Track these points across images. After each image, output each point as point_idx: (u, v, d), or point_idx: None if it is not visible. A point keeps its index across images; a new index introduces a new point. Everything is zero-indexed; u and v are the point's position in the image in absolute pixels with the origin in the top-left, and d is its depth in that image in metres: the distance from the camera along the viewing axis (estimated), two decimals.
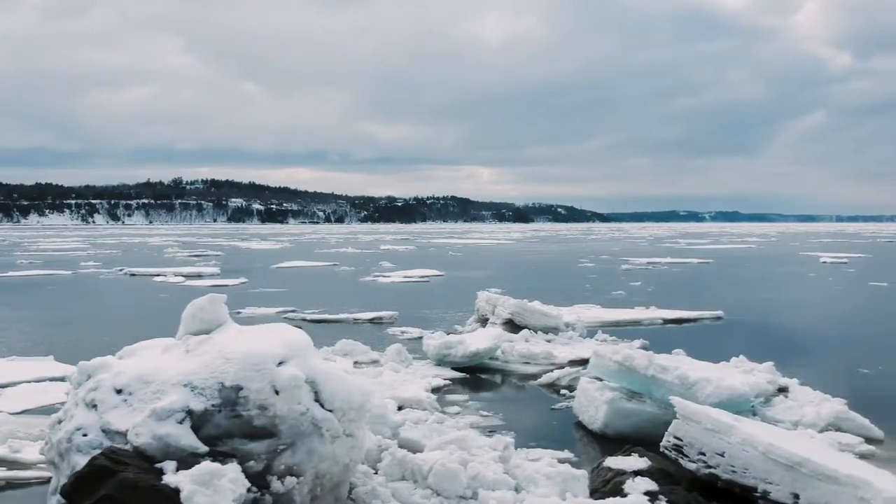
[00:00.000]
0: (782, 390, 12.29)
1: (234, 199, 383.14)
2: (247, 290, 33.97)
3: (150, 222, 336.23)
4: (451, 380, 14.77)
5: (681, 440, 8.91)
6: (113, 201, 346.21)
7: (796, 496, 7.88)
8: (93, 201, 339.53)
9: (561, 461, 9.85)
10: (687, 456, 8.81)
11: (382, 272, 44.32)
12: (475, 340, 16.00)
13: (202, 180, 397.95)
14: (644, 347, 18.26)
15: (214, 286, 36.46)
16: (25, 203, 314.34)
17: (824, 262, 55.20)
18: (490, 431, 11.30)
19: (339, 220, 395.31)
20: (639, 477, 8.42)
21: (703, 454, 8.68)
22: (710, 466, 8.61)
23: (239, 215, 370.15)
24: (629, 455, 9.37)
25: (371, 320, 23.29)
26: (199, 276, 42.49)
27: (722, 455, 8.52)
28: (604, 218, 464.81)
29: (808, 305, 27.80)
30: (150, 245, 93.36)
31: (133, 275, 43.81)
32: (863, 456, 10.07)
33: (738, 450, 8.36)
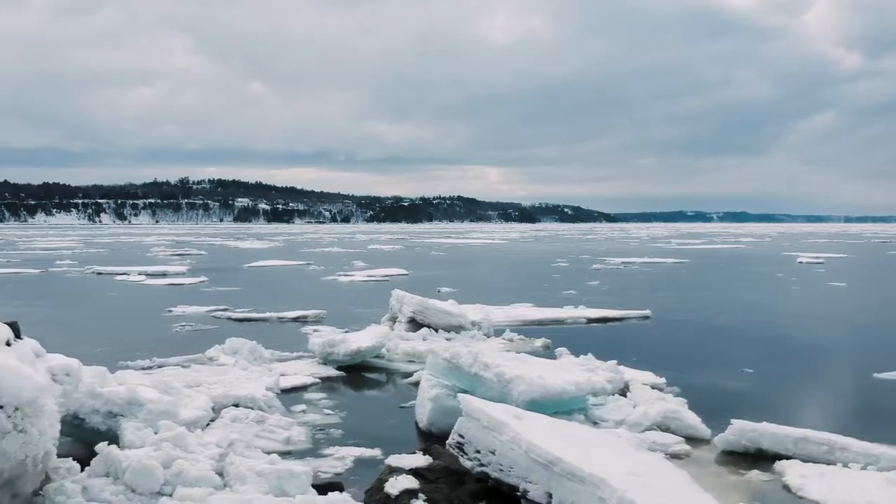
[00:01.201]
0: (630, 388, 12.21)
1: (240, 199, 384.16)
2: (198, 289, 34.08)
3: (157, 222, 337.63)
4: (323, 378, 14.77)
5: (463, 438, 8.86)
6: (119, 201, 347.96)
7: (550, 495, 7.82)
8: (99, 201, 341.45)
9: (364, 460, 9.87)
10: (466, 454, 8.76)
11: (347, 272, 44.34)
12: (359, 339, 15.98)
13: (209, 180, 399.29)
14: (546, 346, 18.31)
15: (171, 285, 36.68)
16: (33, 202, 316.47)
17: (801, 263, 54.83)
18: (320, 430, 11.32)
19: (346, 220, 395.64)
20: (402, 475, 8.38)
21: (479, 452, 8.63)
22: (482, 464, 8.56)
23: (245, 215, 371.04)
24: (415, 453, 9.34)
25: (296, 319, 23.28)
26: (163, 274, 42.62)
27: (493, 453, 8.47)
28: (610, 218, 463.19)
29: (743, 306, 27.60)
30: (143, 244, 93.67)
31: (100, 273, 43.99)
32: (675, 455, 10.01)
33: (507, 448, 8.30)
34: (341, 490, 8.73)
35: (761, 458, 9.88)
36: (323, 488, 8.65)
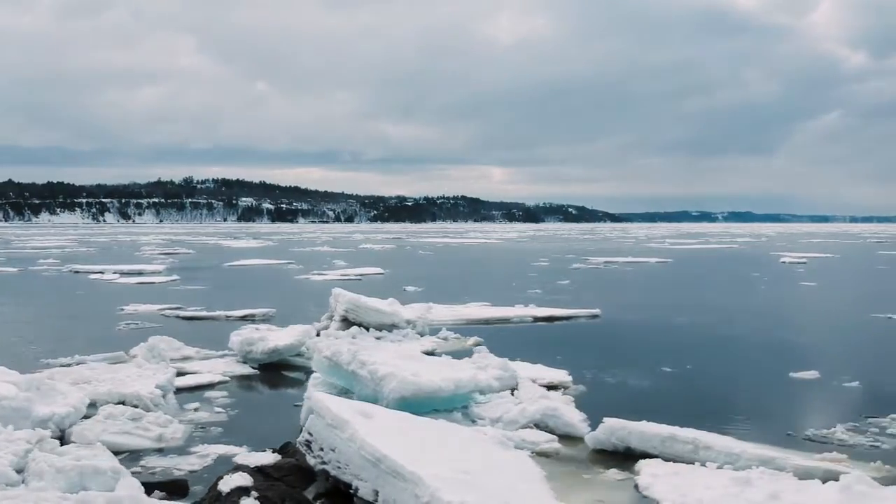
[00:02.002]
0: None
1: (244, 199, 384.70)
2: (166, 288, 34.19)
3: (161, 221, 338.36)
4: (236, 376, 14.79)
5: (311, 435, 8.84)
6: (123, 200, 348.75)
7: (377, 493, 7.80)
8: (103, 200, 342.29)
9: (227, 458, 9.84)
10: (312, 451, 8.74)
11: (323, 271, 44.33)
12: (278, 337, 15.98)
13: (213, 179, 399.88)
14: (476, 345, 18.21)
15: (140, 283, 36.79)
16: (37, 202, 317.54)
17: (783, 263, 54.65)
18: (201, 427, 11.31)
19: (349, 219, 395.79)
20: (239, 473, 8.35)
21: (322, 449, 8.61)
22: (324, 462, 8.54)
23: (249, 214, 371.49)
24: (265, 451, 9.32)
25: (244, 317, 23.25)
26: (139, 273, 42.71)
27: (334, 451, 8.44)
28: (615, 218, 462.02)
29: (699, 306, 27.48)
30: (137, 243, 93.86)
31: (76, 272, 44.14)
32: (542, 454, 9.97)
33: (346, 446, 8.28)
34: (185, 489, 8.74)
35: (628, 457, 9.82)
36: (165, 486, 8.67)
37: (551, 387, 13.63)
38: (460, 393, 11.04)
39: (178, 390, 13.38)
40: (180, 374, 14.53)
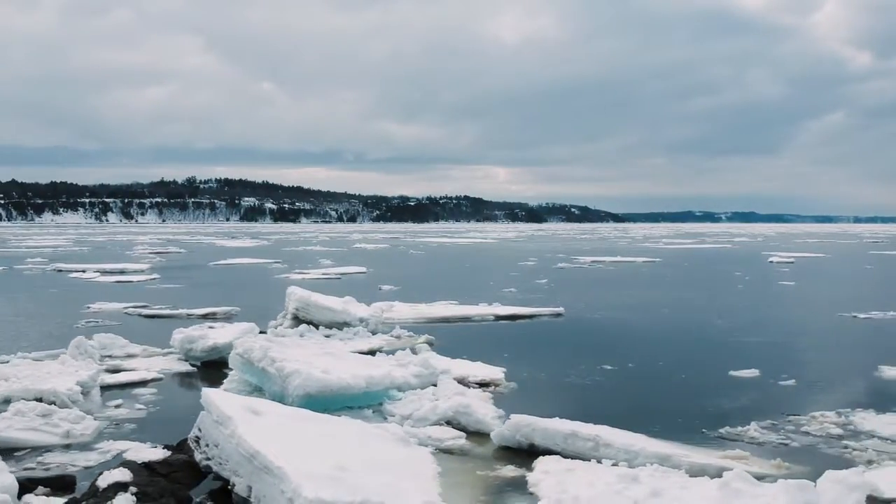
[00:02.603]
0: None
1: (246, 199, 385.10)
2: (142, 286, 34.29)
3: (164, 221, 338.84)
4: (173, 373, 14.77)
5: (200, 432, 8.82)
6: (126, 200, 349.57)
7: (250, 489, 7.78)
8: (106, 200, 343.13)
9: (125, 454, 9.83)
10: (200, 447, 8.73)
11: (306, 270, 44.33)
12: (219, 335, 15.96)
13: (216, 179, 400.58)
14: (429, 343, 18.23)
15: (117, 282, 36.86)
16: (40, 201, 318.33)
17: (770, 262, 54.51)
18: (115, 424, 11.30)
19: (352, 219, 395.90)
20: (120, 469, 8.34)
21: (208, 446, 8.60)
22: (208, 458, 8.53)
23: (252, 214, 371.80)
24: (156, 447, 9.31)
25: (205, 315, 23.25)
26: (121, 272, 42.79)
27: (217, 447, 8.43)
28: (618, 218, 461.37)
29: (665, 305, 27.38)
30: (133, 242, 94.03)
31: (60, 271, 44.23)
32: (446, 450, 9.94)
33: (227, 442, 8.26)
34: (73, 485, 8.70)
35: (532, 454, 9.77)
36: (51, 482, 8.64)
37: (483, 384, 13.65)
38: (374, 390, 11.01)
39: (108, 387, 13.40)
40: (115, 371, 14.56)
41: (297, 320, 18.81)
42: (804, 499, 7.41)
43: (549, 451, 9.79)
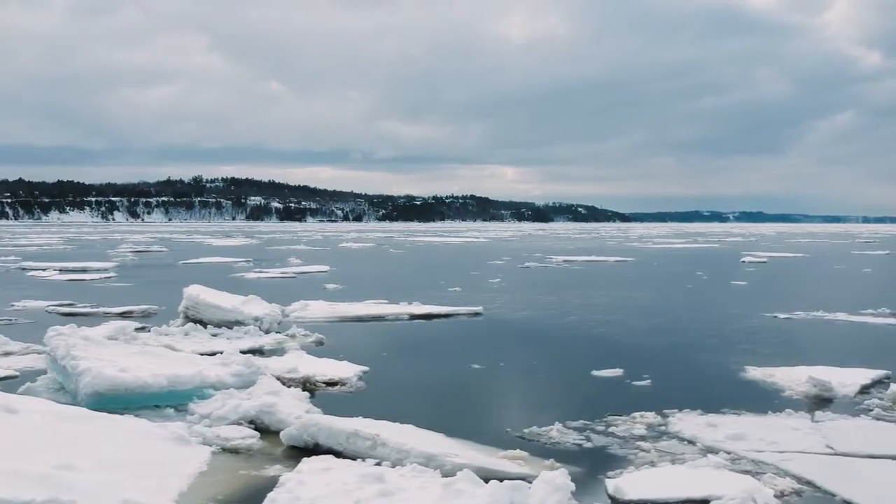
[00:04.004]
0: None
1: (252, 198, 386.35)
2: (90, 285, 34.51)
3: (170, 220, 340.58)
4: (29, 371, 14.79)
5: None
6: (133, 199, 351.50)
7: None
8: (113, 199, 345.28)
9: None
10: None
11: (265, 269, 44.46)
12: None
13: (222, 178, 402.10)
14: (319, 342, 18.26)
15: (70, 280, 37.08)
16: (47, 200, 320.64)
17: (742, 262, 54.25)
18: None
19: (358, 218, 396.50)
20: None
21: None
22: None
23: (258, 213, 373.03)
24: None
25: (122, 314, 23.32)
26: (83, 270, 43.06)
27: None
28: (625, 218, 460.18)
29: (596, 304, 27.25)
30: (125, 241, 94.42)
31: (23, 269, 44.48)
32: (233, 450, 9.90)
33: None
34: None
35: (317, 453, 9.72)
36: None
37: (331, 383, 13.67)
38: (181, 389, 11.00)
39: None
40: None
41: (190, 319, 18.82)
42: (508, 498, 7.37)
43: (332, 451, 9.76)
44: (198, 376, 11.17)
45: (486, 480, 7.86)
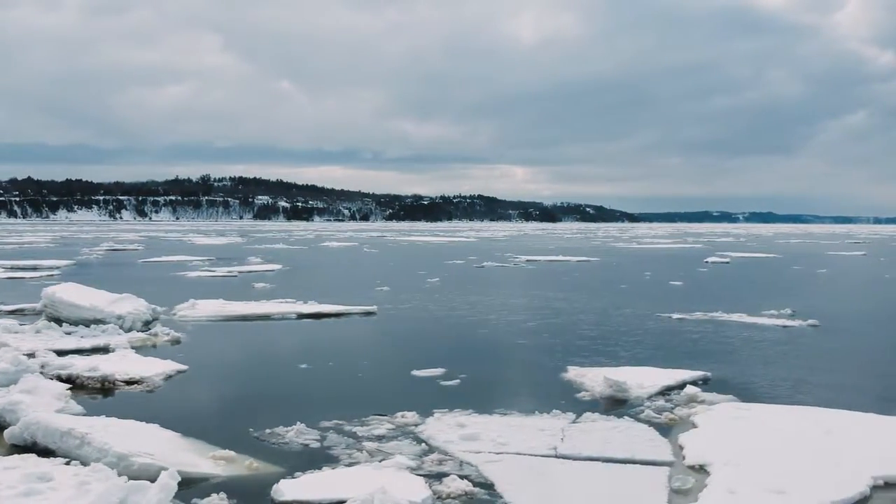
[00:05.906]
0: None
1: (260, 197, 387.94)
2: (23, 283, 34.68)
3: (177, 219, 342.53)
4: None
5: None
6: (141, 198, 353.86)
7: None
8: (121, 198, 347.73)
9: None
10: None
11: (216, 268, 44.60)
12: None
13: (230, 177, 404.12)
14: (176, 342, 18.27)
15: (9, 278, 37.33)
16: (55, 199, 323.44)
17: (705, 262, 53.93)
18: None
19: (365, 218, 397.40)
20: None
21: None
22: None
23: (265, 212, 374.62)
24: None
25: (12, 312, 23.38)
26: (34, 268, 43.35)
27: None
28: (633, 218, 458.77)
29: (506, 305, 27.13)
30: (113, 239, 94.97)
31: None
32: None
33: None
34: None
35: (37, 453, 9.65)
36: None
37: (132, 382, 13.64)
38: None
39: None
40: None
41: (50, 318, 18.85)
42: (121, 497, 7.29)
43: (48, 450, 9.71)
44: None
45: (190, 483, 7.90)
